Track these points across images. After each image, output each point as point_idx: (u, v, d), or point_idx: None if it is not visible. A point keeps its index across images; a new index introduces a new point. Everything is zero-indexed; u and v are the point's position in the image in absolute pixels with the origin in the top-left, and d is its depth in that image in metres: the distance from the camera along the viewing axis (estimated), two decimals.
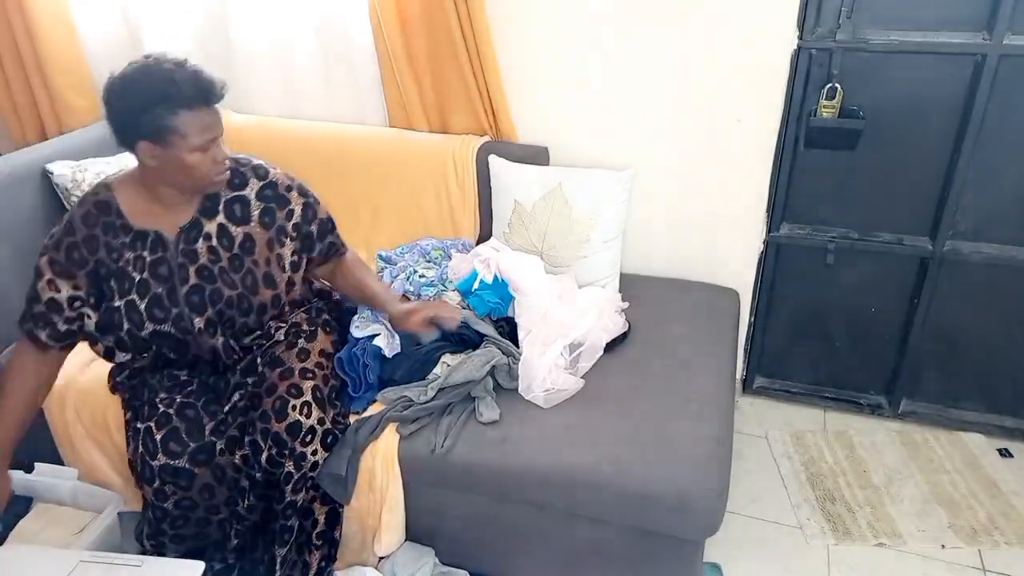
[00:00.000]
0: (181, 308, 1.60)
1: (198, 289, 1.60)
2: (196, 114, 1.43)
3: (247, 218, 1.63)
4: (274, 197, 1.66)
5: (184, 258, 1.59)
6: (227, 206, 1.62)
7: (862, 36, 1.99)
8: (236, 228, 1.62)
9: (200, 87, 1.43)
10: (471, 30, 2.11)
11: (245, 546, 1.72)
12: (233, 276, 1.62)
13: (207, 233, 1.60)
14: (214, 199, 1.61)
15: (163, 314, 1.59)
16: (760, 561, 1.91)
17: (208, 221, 1.60)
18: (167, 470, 1.58)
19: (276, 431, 1.59)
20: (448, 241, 2.27)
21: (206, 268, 1.60)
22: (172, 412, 1.61)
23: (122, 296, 1.58)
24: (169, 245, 1.58)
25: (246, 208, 1.63)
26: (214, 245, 1.60)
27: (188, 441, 1.59)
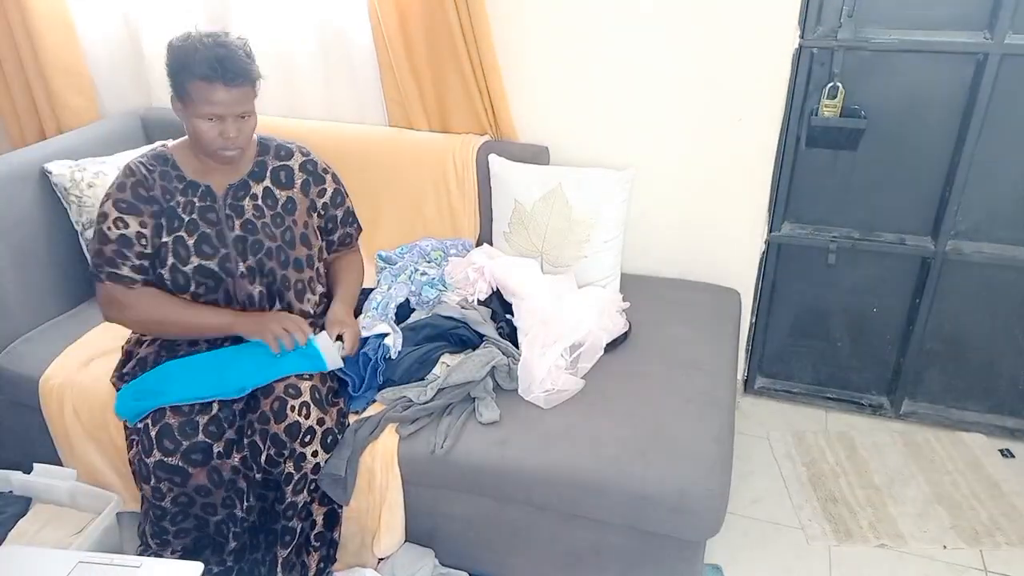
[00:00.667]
0: (229, 249, 1.71)
1: (242, 239, 1.72)
2: (209, 86, 1.54)
3: (291, 183, 1.79)
4: (313, 172, 1.82)
5: (231, 211, 1.72)
6: (274, 173, 1.78)
7: (863, 35, 1.99)
8: (280, 191, 1.77)
9: (214, 65, 1.53)
10: (471, 30, 2.10)
11: (244, 548, 1.71)
12: (275, 230, 1.75)
13: (254, 194, 1.74)
14: (262, 165, 1.76)
15: (211, 250, 1.70)
16: (761, 562, 1.91)
17: (255, 184, 1.75)
18: (162, 467, 1.58)
19: (275, 432, 1.59)
20: (448, 241, 2.26)
21: (250, 222, 1.73)
22: (166, 408, 1.60)
23: (171, 232, 1.69)
24: (218, 199, 1.72)
25: (290, 175, 1.79)
26: (259, 204, 1.75)
27: (180, 439, 1.59)
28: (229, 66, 1.54)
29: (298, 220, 1.78)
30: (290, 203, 1.78)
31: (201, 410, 1.62)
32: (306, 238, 1.80)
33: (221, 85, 1.54)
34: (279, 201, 1.77)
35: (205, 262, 1.69)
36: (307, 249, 1.80)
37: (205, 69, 1.53)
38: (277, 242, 1.74)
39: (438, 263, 2.18)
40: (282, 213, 1.76)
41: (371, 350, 1.79)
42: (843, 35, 1.99)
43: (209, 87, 1.54)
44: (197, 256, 1.69)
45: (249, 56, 1.60)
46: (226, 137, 1.60)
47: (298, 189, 1.79)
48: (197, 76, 1.54)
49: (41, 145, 2.27)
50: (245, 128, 1.63)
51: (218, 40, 1.57)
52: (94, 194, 2.13)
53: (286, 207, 1.77)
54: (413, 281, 2.06)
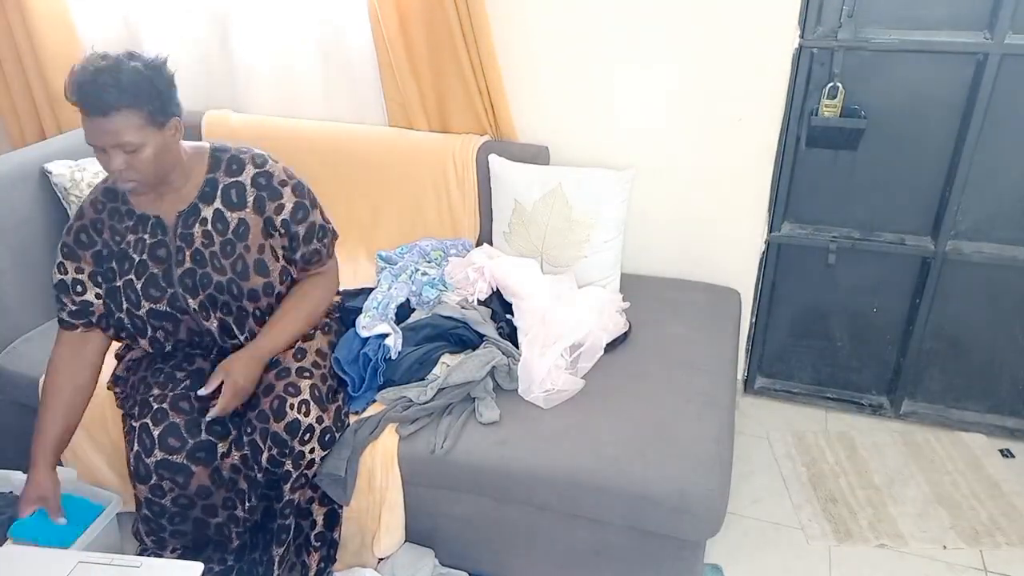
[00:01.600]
0: (176, 289, 1.63)
1: (191, 272, 1.63)
2: (87, 120, 1.45)
3: (242, 203, 1.64)
4: (267, 187, 1.65)
5: (181, 242, 1.63)
6: (224, 192, 1.64)
7: (863, 35, 1.99)
8: (231, 213, 1.64)
9: (79, 98, 1.43)
10: (471, 29, 2.10)
11: (244, 546, 1.71)
12: (223, 261, 1.63)
13: (204, 218, 1.63)
14: (212, 184, 1.63)
15: (159, 293, 1.64)
16: (761, 562, 1.91)
17: (206, 206, 1.63)
18: (164, 465, 1.58)
19: (275, 430, 1.58)
20: (448, 241, 2.26)
21: (199, 252, 1.63)
22: (167, 407, 1.60)
23: (121, 276, 1.64)
24: (168, 229, 1.63)
25: (242, 193, 1.64)
26: (209, 229, 1.63)
27: (187, 437, 1.58)
28: (86, 94, 1.41)
29: (251, 245, 1.64)
30: (242, 226, 1.63)
31: (203, 410, 1.62)
32: (262, 265, 1.66)
33: (89, 116, 1.43)
34: (229, 225, 1.63)
35: (155, 306, 1.64)
36: (263, 277, 1.66)
37: (71, 98, 1.44)
38: (227, 275, 1.63)
39: (438, 263, 2.18)
40: (233, 239, 1.63)
41: (371, 350, 1.79)
42: (843, 35, 1.99)
43: (83, 118, 1.45)
44: (147, 300, 1.63)
45: (118, 83, 1.40)
46: (111, 170, 1.48)
47: (250, 209, 1.64)
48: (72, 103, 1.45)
49: (41, 145, 2.27)
50: (135, 162, 1.47)
51: (91, 64, 1.42)
52: None
53: (237, 232, 1.63)
54: (414, 281, 2.05)
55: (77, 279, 1.64)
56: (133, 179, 1.50)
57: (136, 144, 1.45)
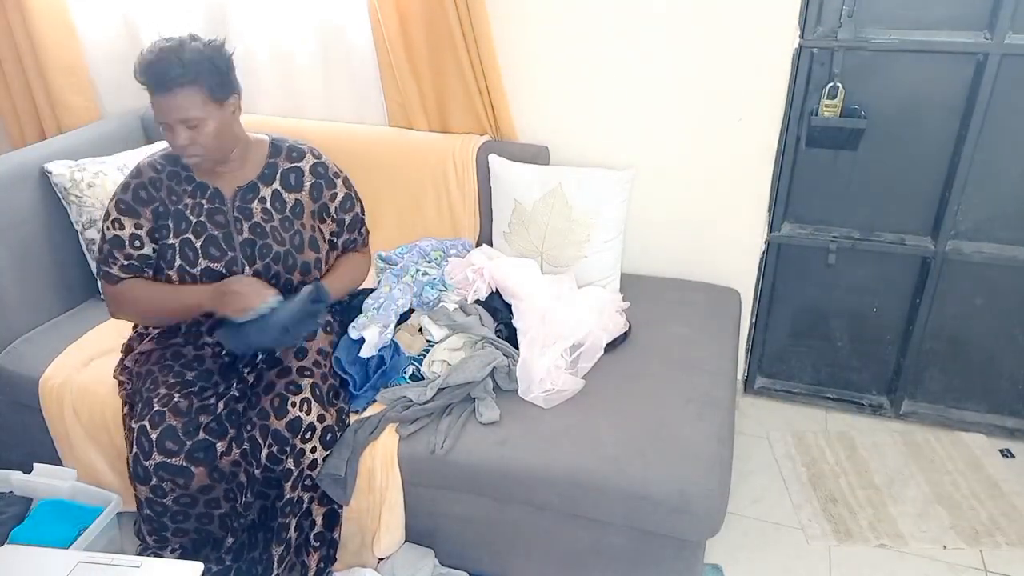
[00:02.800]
0: (236, 253, 1.71)
1: (250, 242, 1.71)
2: (154, 97, 1.54)
3: (300, 186, 1.77)
4: (324, 176, 1.79)
5: (239, 214, 1.71)
6: (283, 175, 1.76)
7: (863, 35, 1.99)
8: (289, 194, 1.76)
9: (144, 73, 1.52)
10: (471, 29, 2.10)
11: (243, 546, 1.71)
12: (283, 234, 1.74)
13: (263, 197, 1.73)
14: (272, 167, 1.75)
15: (219, 253, 1.70)
16: (761, 562, 1.91)
17: (265, 186, 1.74)
18: (163, 467, 1.58)
19: (276, 428, 1.59)
20: (448, 241, 2.26)
21: (259, 225, 1.72)
22: (167, 410, 1.60)
23: (177, 235, 1.69)
24: (226, 201, 1.71)
25: (300, 178, 1.77)
26: (268, 207, 1.73)
27: (184, 439, 1.59)
28: (153, 73, 1.51)
29: (306, 224, 1.77)
30: (298, 207, 1.76)
31: (202, 410, 1.62)
32: (314, 242, 1.79)
33: (153, 93, 1.53)
34: (287, 204, 1.75)
35: (212, 264, 1.70)
36: (315, 253, 1.79)
37: (139, 77, 1.53)
38: (285, 246, 1.74)
39: (438, 263, 2.18)
40: (290, 217, 1.75)
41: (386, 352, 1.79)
42: (843, 35, 1.99)
43: (154, 98, 1.54)
44: (204, 259, 1.69)
45: (182, 62, 1.51)
46: (178, 145, 1.57)
47: (307, 193, 1.78)
48: (144, 87, 1.54)
49: (41, 145, 2.27)
50: (199, 137, 1.57)
51: (159, 45, 1.54)
52: (94, 194, 2.13)
53: (294, 211, 1.76)
54: (416, 282, 2.05)
55: (135, 234, 1.68)
56: (197, 153, 1.59)
57: (199, 119, 1.55)
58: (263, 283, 1.68)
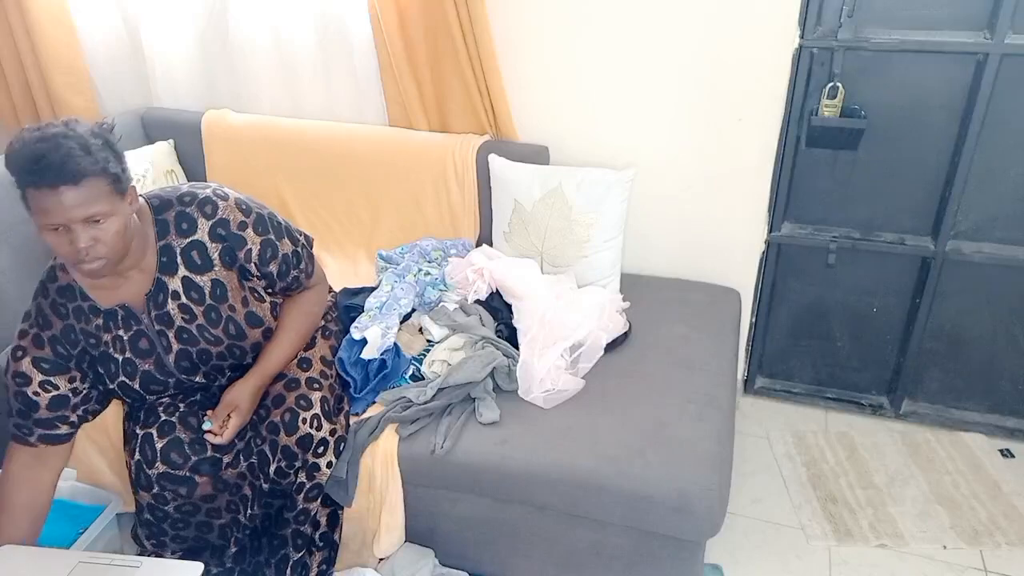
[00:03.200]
0: (176, 376, 1.57)
1: (185, 354, 1.54)
2: (37, 192, 1.27)
3: (209, 263, 1.51)
4: (228, 236, 1.51)
5: (160, 324, 1.51)
6: (184, 256, 1.49)
7: (863, 35, 1.99)
8: (201, 277, 1.51)
9: (31, 168, 1.26)
10: (471, 29, 2.10)
11: (244, 550, 1.71)
12: (214, 331, 1.54)
13: (174, 291, 1.50)
14: (169, 252, 1.48)
15: (160, 386, 1.57)
16: (761, 562, 1.91)
17: (170, 278, 1.49)
18: (167, 477, 1.57)
19: (285, 444, 1.57)
20: (448, 241, 2.26)
21: (185, 330, 1.52)
22: (175, 420, 1.59)
23: (113, 379, 1.53)
24: (141, 317, 1.50)
25: (204, 252, 1.50)
26: (184, 302, 1.51)
27: (190, 454, 1.58)
28: (50, 164, 1.24)
29: (235, 303, 1.54)
30: (218, 287, 1.52)
31: None
32: (253, 316, 1.58)
33: (47, 189, 1.25)
34: (204, 291, 1.51)
35: (161, 396, 1.59)
36: (258, 327, 1.60)
37: (25, 174, 1.26)
38: (224, 343, 1.56)
39: (438, 263, 2.18)
40: (214, 304, 1.52)
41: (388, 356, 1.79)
42: (843, 35, 1.99)
43: (37, 193, 1.26)
44: (151, 395, 1.58)
45: (85, 148, 1.27)
46: (78, 249, 1.30)
47: (220, 266, 1.51)
48: (25, 184, 1.27)
49: None
50: (102, 235, 1.32)
51: (44, 133, 1.28)
52: None
53: (215, 295, 1.52)
54: (418, 282, 2.05)
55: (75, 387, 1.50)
56: (100, 256, 1.33)
57: (104, 214, 1.31)
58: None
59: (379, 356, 1.78)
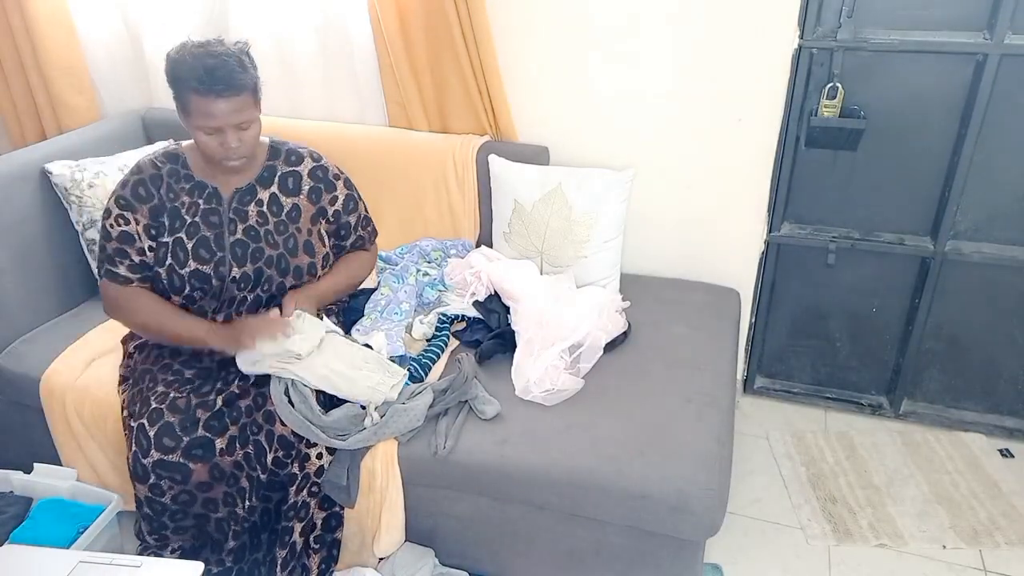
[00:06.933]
0: (225, 254, 1.70)
1: (242, 244, 1.71)
2: (202, 99, 1.52)
3: (297, 190, 1.77)
4: (323, 179, 1.79)
5: (235, 215, 1.71)
6: (281, 179, 1.75)
7: (863, 36, 1.99)
8: (286, 199, 1.75)
9: (203, 77, 1.50)
10: (471, 30, 2.10)
11: (244, 547, 1.71)
12: (277, 238, 1.73)
13: (260, 199, 1.73)
14: (271, 170, 1.75)
15: (208, 255, 1.69)
16: (761, 562, 1.91)
17: (263, 189, 1.74)
18: (162, 465, 1.58)
19: (281, 434, 1.59)
20: (448, 242, 2.26)
21: (253, 228, 1.72)
22: (164, 408, 1.60)
23: (172, 233, 1.69)
24: (223, 201, 1.71)
25: (298, 182, 1.77)
26: (264, 210, 1.73)
27: (182, 435, 1.59)
28: (220, 77, 1.51)
29: (302, 227, 1.77)
30: (295, 211, 1.76)
31: (200, 405, 1.62)
32: (309, 246, 1.78)
33: (214, 97, 1.52)
34: (284, 208, 1.75)
35: (201, 267, 1.69)
36: (309, 257, 1.78)
37: (195, 82, 1.51)
38: (279, 250, 1.73)
39: (438, 263, 2.18)
40: (286, 220, 1.75)
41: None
42: (843, 35, 1.99)
43: (203, 100, 1.52)
44: (194, 260, 1.69)
45: (242, 65, 1.55)
46: (227, 148, 1.59)
47: (304, 196, 1.77)
48: (190, 89, 1.52)
49: (41, 145, 2.27)
50: (246, 137, 1.61)
51: (209, 50, 1.53)
52: (94, 194, 2.13)
53: (290, 215, 1.76)
54: (418, 283, 2.06)
55: (138, 230, 1.67)
56: (244, 155, 1.63)
57: (250, 121, 1.60)
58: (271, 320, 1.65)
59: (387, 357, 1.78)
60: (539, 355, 1.80)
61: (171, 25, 2.48)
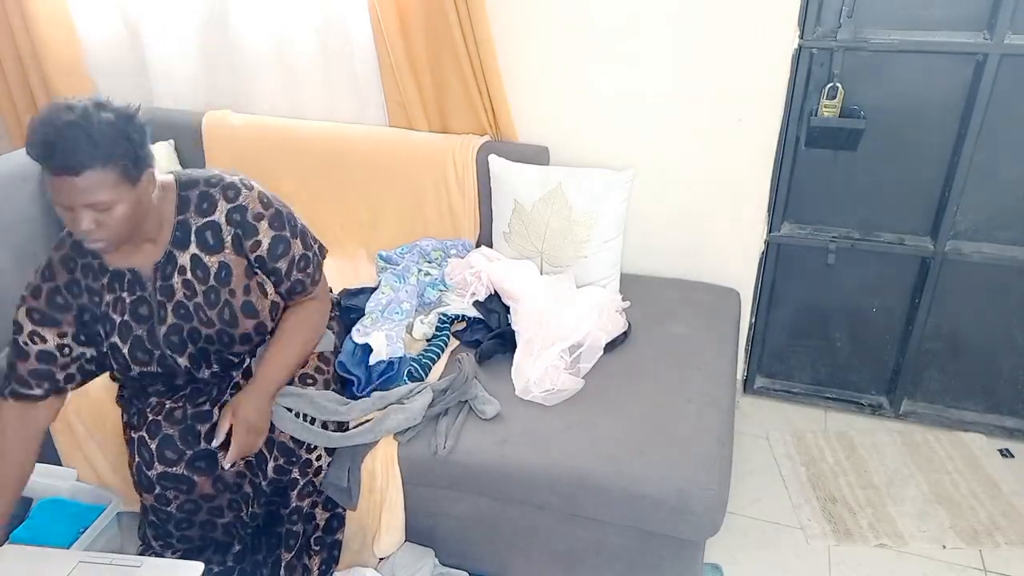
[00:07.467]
0: (162, 349, 1.55)
1: (177, 328, 1.54)
2: (48, 175, 1.32)
3: (219, 244, 1.53)
4: (242, 222, 1.53)
5: (162, 296, 1.53)
6: (198, 234, 1.52)
7: (863, 36, 1.99)
8: (210, 257, 1.53)
9: (39, 153, 1.30)
10: (471, 30, 2.10)
11: (246, 549, 1.71)
12: (209, 313, 1.54)
13: (181, 266, 1.52)
14: (185, 228, 1.51)
15: (146, 356, 1.55)
16: (761, 562, 1.91)
17: (181, 253, 1.52)
18: (165, 477, 1.57)
19: (281, 440, 1.58)
20: (448, 242, 2.26)
21: (183, 305, 1.53)
22: (161, 419, 1.59)
23: (106, 339, 1.55)
24: (147, 283, 1.53)
25: (218, 233, 1.52)
26: (189, 278, 1.52)
27: (184, 449, 1.58)
28: (59, 152, 1.27)
29: (236, 289, 1.55)
30: (223, 270, 1.53)
31: (198, 417, 1.61)
32: (249, 307, 1.57)
33: (55, 176, 1.29)
34: (210, 271, 1.53)
35: (145, 368, 1.56)
36: (253, 319, 1.58)
37: (35, 155, 1.30)
38: (216, 326, 1.55)
39: (438, 263, 2.18)
40: (216, 286, 1.53)
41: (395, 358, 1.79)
42: (842, 35, 1.99)
43: (48, 175, 1.31)
44: (135, 364, 1.56)
45: (91, 139, 1.28)
46: (79, 231, 1.36)
47: (229, 250, 1.53)
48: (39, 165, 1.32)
49: None
50: (107, 219, 1.35)
51: (56, 118, 1.29)
52: None
53: (219, 277, 1.53)
54: (420, 283, 2.06)
55: (63, 344, 1.52)
56: (103, 238, 1.38)
57: (109, 202, 1.33)
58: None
59: (387, 358, 1.78)
60: (539, 355, 1.80)
61: (171, 25, 2.48)
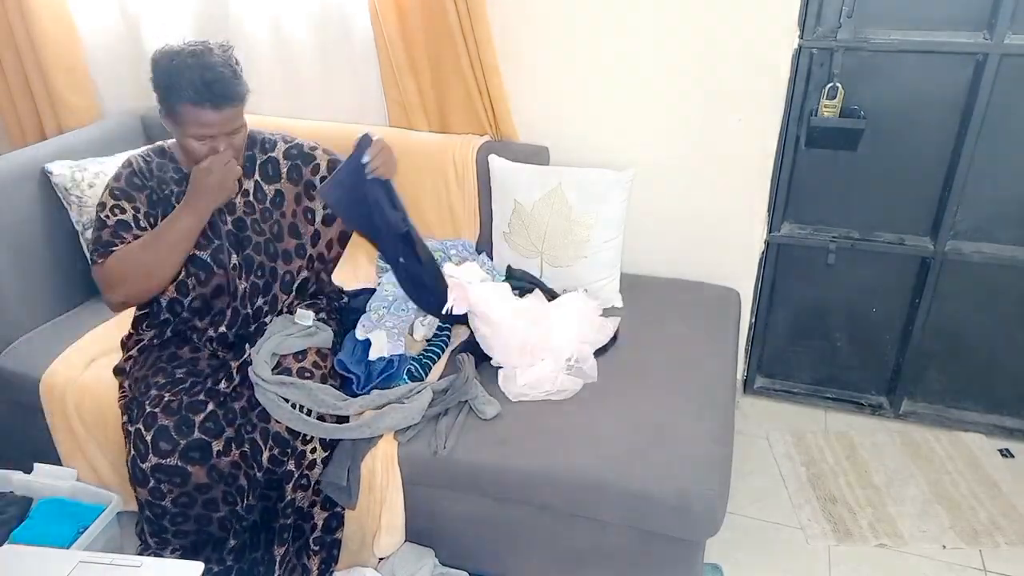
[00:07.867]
0: (222, 241, 1.72)
1: (232, 234, 1.74)
2: (197, 110, 1.53)
3: (277, 176, 1.79)
4: (299, 155, 1.81)
5: (224, 207, 1.72)
6: (262, 167, 1.79)
7: (863, 36, 1.99)
8: (268, 186, 1.79)
9: (201, 90, 1.51)
10: (471, 30, 2.10)
11: (244, 547, 1.71)
12: (262, 225, 1.77)
13: (245, 190, 1.76)
14: (251, 160, 1.78)
15: (205, 241, 1.71)
16: (761, 562, 1.91)
17: (246, 179, 1.77)
18: (160, 469, 1.58)
19: (276, 430, 1.59)
20: (448, 242, 2.26)
21: (241, 219, 1.75)
22: (158, 411, 1.60)
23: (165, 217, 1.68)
24: None
25: (276, 167, 1.79)
26: (250, 200, 1.77)
27: (178, 439, 1.59)
28: (217, 91, 1.52)
29: (287, 212, 1.80)
30: (278, 197, 1.79)
31: (192, 407, 1.62)
32: (295, 228, 1.81)
33: (210, 109, 1.54)
34: (268, 196, 1.78)
35: (199, 252, 1.70)
36: (296, 239, 1.81)
37: (192, 94, 1.51)
38: (265, 236, 1.77)
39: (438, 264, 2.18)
40: (270, 208, 1.78)
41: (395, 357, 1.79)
42: (842, 35, 1.99)
43: (198, 110, 1.53)
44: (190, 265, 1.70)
45: (236, 75, 1.57)
46: (216, 153, 1.60)
47: (285, 179, 1.80)
48: (185, 99, 1.52)
49: (41, 145, 2.27)
50: (235, 142, 1.63)
51: (203, 60, 1.52)
52: (95, 194, 2.13)
53: (274, 201, 1.79)
54: None
55: (137, 217, 1.67)
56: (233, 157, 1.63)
57: (242, 127, 1.64)
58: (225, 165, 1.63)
59: (388, 356, 1.78)
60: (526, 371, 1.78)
61: (171, 25, 2.48)
